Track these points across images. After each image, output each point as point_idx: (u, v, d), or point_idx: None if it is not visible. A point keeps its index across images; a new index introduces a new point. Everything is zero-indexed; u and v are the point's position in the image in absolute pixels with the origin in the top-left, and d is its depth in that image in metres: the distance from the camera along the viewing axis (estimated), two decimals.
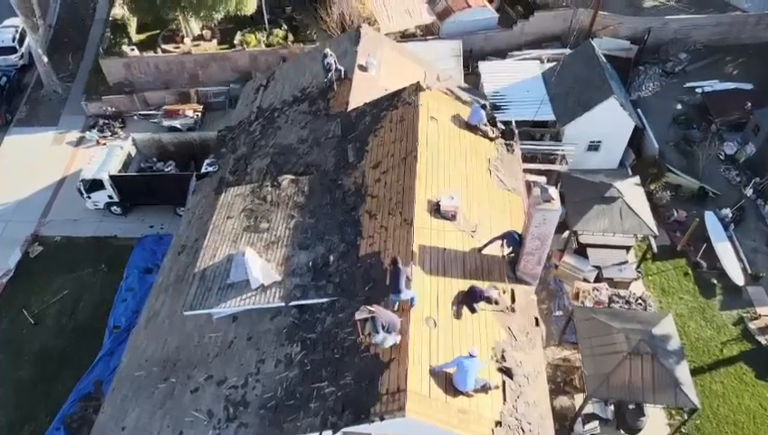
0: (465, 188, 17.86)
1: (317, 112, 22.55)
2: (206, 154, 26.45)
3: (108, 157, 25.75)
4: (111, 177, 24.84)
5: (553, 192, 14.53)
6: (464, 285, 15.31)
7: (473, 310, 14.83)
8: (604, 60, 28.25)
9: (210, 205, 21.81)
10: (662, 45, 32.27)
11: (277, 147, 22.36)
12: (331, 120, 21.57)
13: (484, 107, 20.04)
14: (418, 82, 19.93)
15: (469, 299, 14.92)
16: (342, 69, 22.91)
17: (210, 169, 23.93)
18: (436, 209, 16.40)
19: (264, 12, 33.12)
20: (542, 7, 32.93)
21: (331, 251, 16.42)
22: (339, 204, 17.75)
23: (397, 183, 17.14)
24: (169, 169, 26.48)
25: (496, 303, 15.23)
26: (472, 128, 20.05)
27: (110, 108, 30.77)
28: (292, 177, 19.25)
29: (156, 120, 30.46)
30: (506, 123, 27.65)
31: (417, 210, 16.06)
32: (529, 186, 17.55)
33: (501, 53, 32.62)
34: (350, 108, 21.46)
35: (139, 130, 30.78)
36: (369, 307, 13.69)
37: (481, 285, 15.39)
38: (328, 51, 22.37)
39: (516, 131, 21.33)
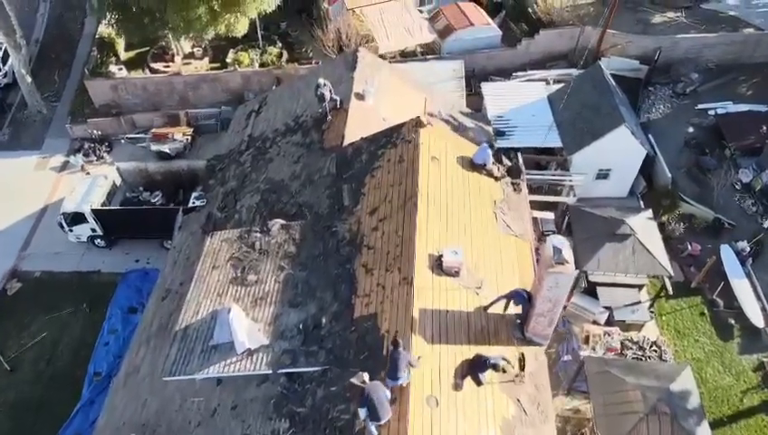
0: (469, 236, 16.50)
1: (311, 146, 21.20)
2: (194, 183, 25.19)
3: (90, 188, 24.41)
4: (94, 210, 23.48)
5: (567, 252, 13.18)
6: (468, 351, 13.96)
7: (479, 382, 13.48)
8: (613, 83, 26.91)
9: (197, 244, 20.51)
10: (672, 65, 30.88)
11: (268, 182, 21.02)
12: (325, 156, 20.22)
13: (491, 146, 18.65)
14: (419, 118, 18.56)
15: (474, 369, 13.58)
16: (338, 98, 21.56)
17: (198, 203, 22.60)
18: (438, 265, 15.05)
19: (258, 28, 31.78)
20: (547, 25, 31.55)
21: (323, 311, 15.07)
22: (332, 255, 16.40)
23: (395, 234, 15.78)
24: (156, 199, 25.12)
25: (504, 371, 13.89)
26: (476, 167, 18.69)
27: (95, 131, 29.39)
28: (283, 222, 17.88)
29: (144, 145, 29.09)
30: (510, 151, 26.73)
31: (417, 266, 14.71)
32: (539, 235, 16.19)
33: (505, 73, 31.26)
34: (345, 142, 20.10)
35: (127, 154, 29.54)
36: (364, 378, 12.41)
37: (487, 350, 14.05)
38: (321, 81, 21.00)
39: (523, 169, 19.91)
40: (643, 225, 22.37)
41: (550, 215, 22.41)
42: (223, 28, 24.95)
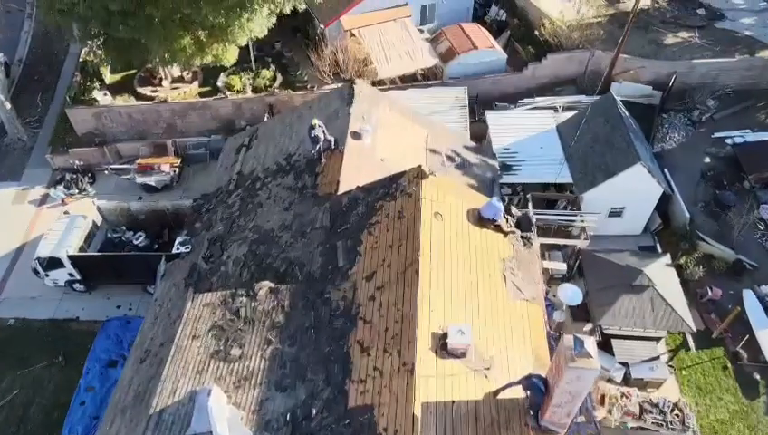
0: (476, 305, 14.88)
1: (303, 191, 19.58)
2: (180, 222, 23.56)
3: (68, 229, 22.78)
4: (71, 256, 21.85)
5: (590, 345, 11.55)
6: None
7: None
8: (626, 114, 25.29)
9: (180, 297, 18.90)
10: (688, 91, 29.25)
11: (257, 231, 19.40)
12: (318, 204, 18.60)
13: (501, 199, 17.03)
14: (420, 168, 16.92)
15: None
16: (332, 139, 19.95)
17: (182, 249, 20.96)
18: (442, 346, 13.43)
19: (251, 50, 30.16)
20: (555, 48, 29.93)
21: (314, 397, 13.44)
22: (324, 327, 14.77)
23: (395, 307, 14.16)
24: (140, 240, 23.49)
25: None
26: (483, 221, 17.05)
27: (77, 162, 27.74)
28: (272, 285, 16.26)
29: (129, 176, 27.44)
30: (517, 187, 25.22)
31: (419, 349, 13.09)
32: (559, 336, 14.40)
33: (510, 98, 29.64)
34: (340, 189, 18.49)
35: (111, 185, 27.93)
36: None
37: None
38: (315, 122, 19.38)
39: (534, 221, 18.28)
40: (661, 273, 20.77)
41: (562, 265, 20.78)
42: (210, 58, 23.30)
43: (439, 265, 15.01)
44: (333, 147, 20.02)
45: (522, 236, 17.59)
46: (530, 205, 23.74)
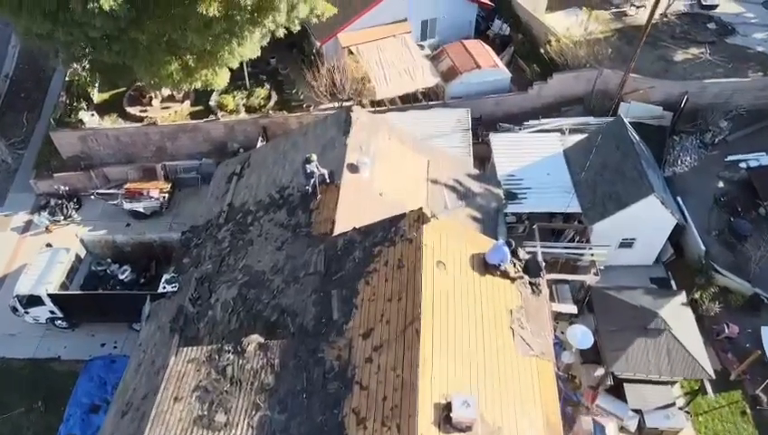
0: (482, 366, 13.69)
1: (296, 230, 18.40)
2: (168, 255, 22.38)
3: (49, 264, 21.56)
4: (51, 295, 20.65)
5: (612, 432, 10.35)
6: None
7: None
8: (637, 138, 24.12)
9: (164, 343, 17.72)
10: (699, 111, 28.05)
11: (247, 272, 18.22)
12: (312, 246, 17.41)
13: (508, 244, 15.83)
14: (422, 211, 15.71)
15: None
16: (326, 172, 18.77)
17: (169, 288, 19.73)
18: (445, 418, 12.23)
19: (245, 67, 28.93)
20: (561, 67, 28.73)
21: None
22: (317, 392, 13.57)
23: (394, 372, 12.97)
24: (125, 274, 22.28)
25: None
26: (489, 267, 15.86)
27: (62, 187, 26.53)
28: (261, 340, 15.07)
29: (116, 202, 26.22)
30: (522, 219, 24.04)
31: (420, 422, 11.89)
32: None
33: (514, 119, 28.45)
34: (336, 229, 17.31)
35: (97, 211, 26.73)
36: None
37: None
38: (311, 156, 18.19)
39: (543, 266, 17.09)
40: (677, 315, 19.56)
41: (572, 307, 19.57)
42: (199, 84, 22.08)
43: (442, 323, 13.82)
44: (329, 181, 18.84)
45: (530, 283, 16.39)
46: (536, 235, 22.78)
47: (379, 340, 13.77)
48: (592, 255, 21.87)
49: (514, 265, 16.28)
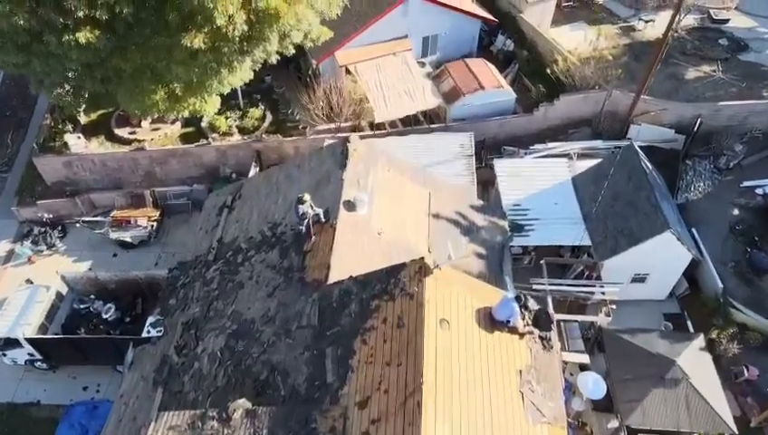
0: None
1: (289, 274, 17.18)
2: (154, 291, 21.17)
3: (28, 304, 20.40)
4: (29, 339, 19.45)
5: None
6: None
7: None
8: (649, 167, 22.94)
9: (147, 396, 16.55)
10: (713, 134, 26.80)
11: (236, 319, 17.01)
12: (305, 294, 16.19)
13: (517, 298, 14.61)
14: (423, 262, 14.48)
15: None
16: (321, 212, 17.56)
17: (153, 332, 18.55)
18: None
19: (239, 87, 27.68)
20: (568, 88, 27.51)
21: None
22: None
23: None
24: (110, 313, 21.07)
25: None
26: (496, 322, 14.64)
27: (46, 214, 25.32)
28: (248, 405, 13.86)
29: (102, 231, 25.02)
30: (528, 250, 22.85)
31: None
32: None
33: (519, 141, 27.23)
34: (331, 276, 16.07)
35: (83, 241, 25.53)
36: None
37: None
38: (303, 196, 16.96)
39: (554, 318, 15.88)
40: (695, 362, 18.36)
41: (584, 357, 18.34)
42: (187, 113, 20.85)
43: (446, 392, 12.60)
44: (324, 220, 17.64)
45: (540, 337, 15.17)
46: (544, 271, 21.60)
47: (376, 412, 12.55)
48: (603, 293, 20.67)
49: (524, 318, 15.07)
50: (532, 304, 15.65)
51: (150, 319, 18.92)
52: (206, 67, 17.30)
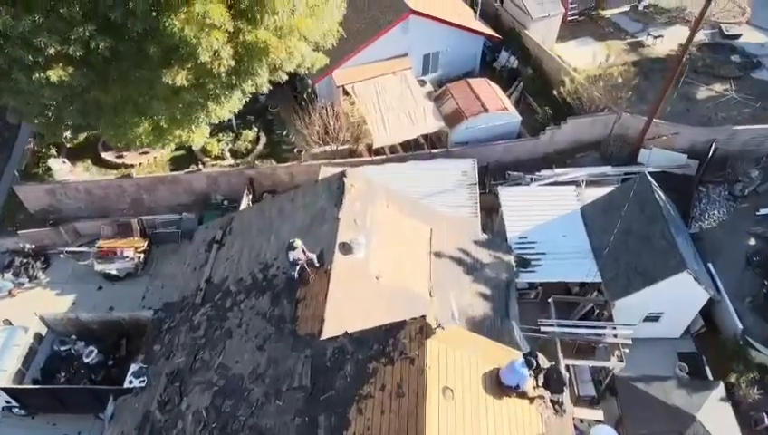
0: None
1: (280, 324, 15.97)
2: (140, 333, 19.94)
3: (3, 349, 19.22)
4: (3, 388, 18.25)
5: None
6: None
7: None
8: (663, 197, 21.73)
9: None
10: (728, 159, 25.60)
11: (223, 374, 15.83)
12: (297, 349, 14.99)
13: (527, 362, 13.36)
14: (425, 322, 13.28)
15: None
16: (314, 257, 16.36)
17: (136, 382, 17.35)
18: None
19: None
20: (575, 110, 26.31)
21: None
22: None
23: None
24: (91, 356, 19.82)
25: None
26: (504, 387, 13.44)
27: (28, 245, 24.11)
28: None
29: (87, 262, 23.81)
30: (535, 285, 21.66)
31: None
32: None
33: (524, 166, 26.01)
34: (324, 331, 14.86)
35: (67, 272, 24.34)
36: None
37: None
38: (294, 242, 15.77)
39: (567, 380, 14.67)
40: (716, 415, 17.19)
41: (598, 412, 17.15)
42: (173, 146, 19.65)
43: None
44: (317, 265, 16.43)
45: (551, 401, 13.96)
46: (552, 311, 20.44)
47: None
48: (615, 336, 19.47)
49: (535, 379, 13.86)
50: (543, 361, 14.43)
51: (133, 367, 17.69)
52: (190, 103, 16.08)
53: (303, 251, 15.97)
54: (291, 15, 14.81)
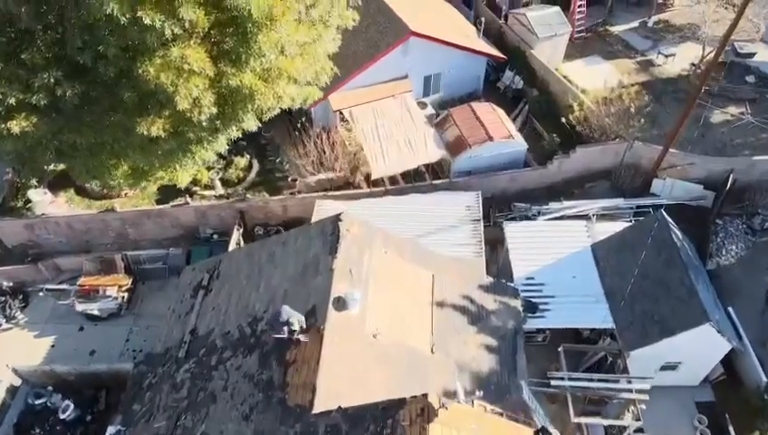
0: None
1: (268, 391, 14.61)
2: (120, 384, 18.60)
3: None
4: None
5: None
6: None
7: None
8: (680, 236, 20.38)
9: None
10: (747, 190, 24.22)
11: None
12: (286, 422, 13.63)
13: None
14: (427, 401, 11.93)
15: None
16: (304, 320, 14.99)
17: None
18: None
19: None
20: (585, 138, 24.97)
21: None
22: None
23: None
24: (68, 412, 18.48)
25: None
26: None
27: (5, 282, 22.77)
28: None
29: (68, 302, 22.46)
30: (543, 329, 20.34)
31: None
32: None
33: (531, 196, 24.68)
34: (316, 403, 13.49)
35: (46, 311, 22.97)
36: None
37: None
38: (284, 310, 14.42)
39: None
40: None
41: None
42: (154, 188, 18.29)
43: None
44: (308, 327, 15.07)
45: None
46: (562, 361, 19.12)
47: None
48: (631, 391, 18.11)
49: None
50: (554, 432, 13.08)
51: (110, 429, 16.33)
52: (169, 151, 14.73)
53: (289, 312, 14.58)
54: (280, 56, 13.41)
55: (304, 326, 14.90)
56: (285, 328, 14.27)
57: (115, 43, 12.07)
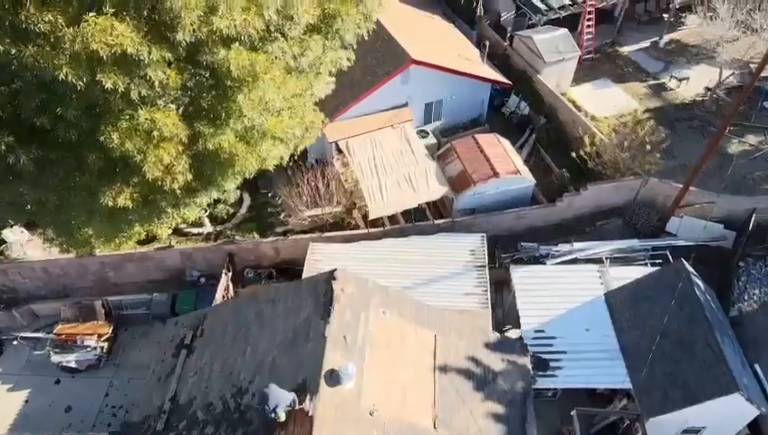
0: None
1: None
2: None
3: None
4: None
5: None
6: None
7: None
8: (702, 288, 18.87)
9: None
10: None
11: None
12: None
13: None
14: None
15: None
16: (291, 400, 13.48)
17: None
18: None
19: None
20: (596, 173, 23.47)
21: None
22: None
23: None
24: None
25: None
26: None
27: None
28: None
29: (43, 352, 20.96)
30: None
31: None
32: None
33: (539, 233, 23.19)
34: None
35: (21, 361, 21.60)
36: None
37: None
38: (271, 392, 12.94)
39: None
40: None
41: None
42: (132, 243, 16.77)
43: None
44: (296, 406, 13.58)
45: None
46: (575, 427, 17.60)
47: None
48: None
49: None
50: None
51: None
52: (140, 218, 13.23)
53: (276, 393, 13.10)
54: (264, 113, 11.87)
55: (295, 407, 13.39)
56: (273, 415, 12.75)
57: (75, 105, 10.59)
